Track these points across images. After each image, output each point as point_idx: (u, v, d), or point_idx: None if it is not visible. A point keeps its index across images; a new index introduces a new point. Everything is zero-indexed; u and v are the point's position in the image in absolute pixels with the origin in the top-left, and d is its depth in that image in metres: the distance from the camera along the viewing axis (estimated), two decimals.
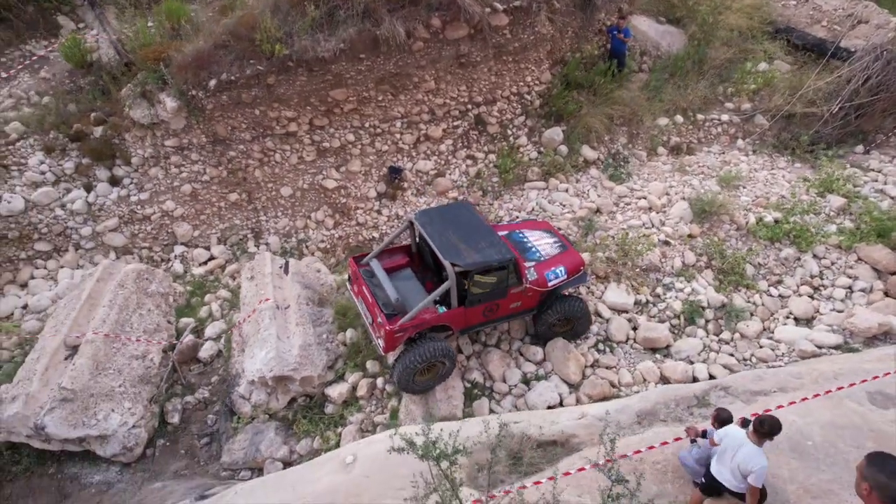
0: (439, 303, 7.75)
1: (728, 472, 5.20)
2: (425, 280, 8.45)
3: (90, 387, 7.88)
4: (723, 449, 5.28)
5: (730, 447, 5.20)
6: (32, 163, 10.87)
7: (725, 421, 5.48)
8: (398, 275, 8.53)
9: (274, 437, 7.92)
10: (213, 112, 10.59)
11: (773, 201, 11.17)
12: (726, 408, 5.60)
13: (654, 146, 12.57)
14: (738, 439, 5.19)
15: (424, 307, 7.59)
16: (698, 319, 9.49)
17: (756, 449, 5.04)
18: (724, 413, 5.52)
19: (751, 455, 5.02)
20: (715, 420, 5.58)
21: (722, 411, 5.54)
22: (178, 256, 11.11)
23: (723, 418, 5.50)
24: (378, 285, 8.01)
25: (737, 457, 5.10)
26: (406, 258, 8.81)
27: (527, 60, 12.32)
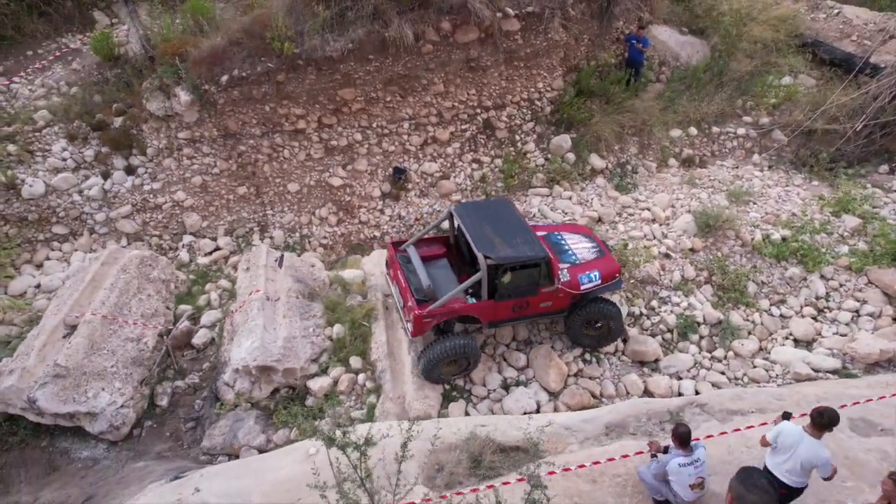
0: (472, 294, 7.90)
1: (787, 469, 5.18)
2: (460, 272, 8.65)
3: (83, 365, 8.20)
4: (780, 447, 5.24)
5: (787, 444, 5.17)
6: (56, 149, 11.40)
7: (683, 437, 5.37)
8: (434, 264, 8.77)
9: (253, 426, 8.09)
10: (225, 107, 10.91)
11: (783, 219, 10.84)
12: (687, 424, 5.47)
13: (666, 157, 12.36)
14: (795, 435, 5.16)
15: (454, 296, 7.78)
16: (692, 335, 9.29)
17: (817, 443, 5.07)
18: (682, 429, 5.41)
19: (813, 449, 5.05)
20: (674, 436, 5.47)
21: (680, 426, 5.43)
22: (185, 245, 11.46)
23: (680, 433, 5.39)
24: (413, 271, 8.30)
25: (798, 452, 5.09)
26: (444, 249, 9.04)
27: (539, 66, 12.29)
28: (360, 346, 8.72)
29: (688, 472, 5.30)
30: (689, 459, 5.33)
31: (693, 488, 5.31)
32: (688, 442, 5.37)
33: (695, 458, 5.36)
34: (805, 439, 5.09)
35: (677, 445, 5.39)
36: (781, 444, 5.22)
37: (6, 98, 12.50)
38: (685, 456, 5.34)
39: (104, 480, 7.93)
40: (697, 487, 5.34)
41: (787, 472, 5.18)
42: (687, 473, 5.30)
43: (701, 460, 5.39)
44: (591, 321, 8.53)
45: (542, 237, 8.79)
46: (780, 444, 5.23)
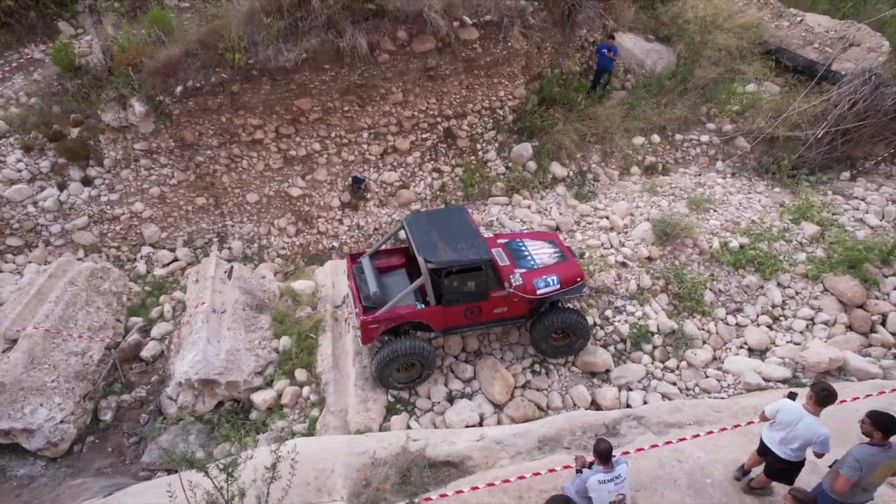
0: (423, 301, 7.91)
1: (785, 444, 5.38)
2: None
3: (21, 380, 8.08)
4: (778, 422, 5.43)
5: (786, 421, 5.36)
6: (10, 161, 11.31)
7: (603, 453, 5.26)
8: (392, 274, 8.79)
9: (193, 440, 7.97)
10: (180, 118, 10.85)
11: (742, 226, 10.79)
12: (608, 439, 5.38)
13: (628, 165, 12.31)
14: (795, 412, 5.34)
15: (399, 302, 7.73)
16: (645, 345, 9.19)
17: (816, 420, 5.24)
18: (603, 444, 5.30)
19: (811, 426, 5.22)
20: (595, 452, 5.36)
21: (601, 442, 5.33)
22: (143, 257, 11.36)
23: (601, 449, 5.28)
24: (364, 280, 8.24)
25: (797, 429, 5.28)
26: (402, 259, 9.02)
27: (500, 75, 12.25)
28: (305, 359, 8.62)
29: (608, 488, 5.19)
30: (610, 476, 5.22)
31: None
32: (608, 458, 5.26)
33: (615, 474, 5.25)
34: (805, 417, 5.25)
35: (598, 461, 5.29)
36: (780, 420, 5.40)
37: None
38: (605, 472, 5.23)
39: (39, 499, 7.79)
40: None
41: (786, 446, 5.37)
42: (607, 490, 5.19)
43: (622, 477, 5.28)
44: (556, 330, 8.42)
45: (503, 244, 8.78)
46: (778, 420, 5.42)
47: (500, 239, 8.89)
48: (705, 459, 6.03)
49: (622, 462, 5.38)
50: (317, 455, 6.42)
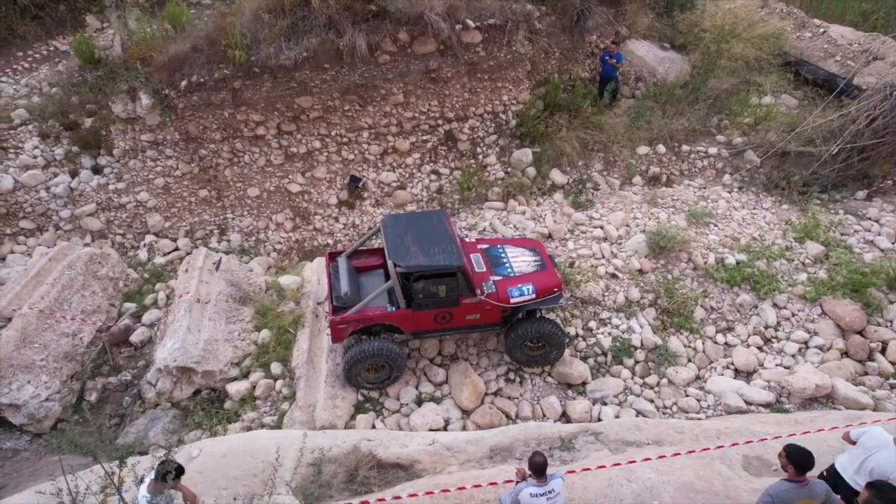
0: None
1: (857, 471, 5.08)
2: None
3: (11, 357, 8.43)
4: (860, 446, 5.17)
5: (868, 446, 5.10)
6: (27, 147, 11.82)
7: (537, 466, 5.18)
8: (369, 274, 8.84)
9: (167, 425, 8.19)
10: (185, 111, 11.15)
11: (742, 242, 10.46)
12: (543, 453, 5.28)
13: (631, 175, 12.07)
14: (881, 440, 5.09)
15: (369, 304, 7.79)
16: (626, 359, 8.99)
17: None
18: (538, 458, 5.21)
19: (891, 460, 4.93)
20: (529, 465, 5.28)
21: (536, 455, 5.24)
22: (146, 245, 11.71)
23: (534, 463, 5.20)
24: (338, 279, 8.29)
25: (876, 457, 5.01)
26: (381, 260, 9.00)
27: (504, 79, 12.19)
28: (282, 353, 8.75)
29: (538, 502, 5.12)
30: (542, 490, 5.14)
31: None
32: (542, 472, 5.18)
33: (549, 488, 5.17)
34: (891, 447, 4.97)
35: (533, 475, 5.21)
36: (862, 443, 5.15)
37: None
38: (538, 486, 5.16)
39: (18, 472, 8.12)
40: None
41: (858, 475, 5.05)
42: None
43: (556, 492, 5.19)
44: (531, 339, 8.33)
45: (482, 249, 8.71)
46: (860, 443, 5.16)
47: (480, 244, 8.84)
48: (656, 480, 5.86)
49: (557, 477, 5.29)
50: (268, 448, 6.50)
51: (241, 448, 6.55)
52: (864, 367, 8.88)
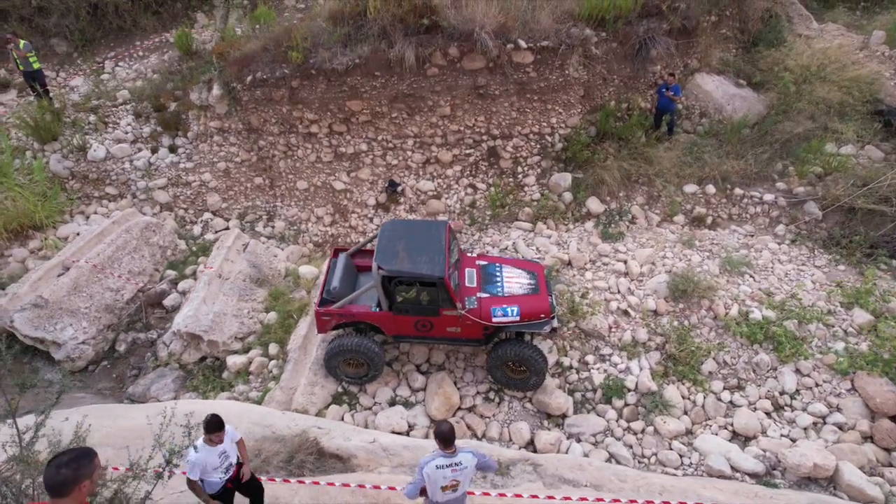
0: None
1: None
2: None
3: (62, 301, 9.68)
4: None
5: None
6: (122, 123, 13.48)
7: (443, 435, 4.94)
8: (369, 274, 9.05)
9: (169, 384, 9.01)
10: (248, 104, 12.19)
11: (776, 298, 9.66)
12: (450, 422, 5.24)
13: (673, 212, 11.51)
14: None
15: (355, 301, 8.16)
16: (616, 400, 8.63)
17: None
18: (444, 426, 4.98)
19: None
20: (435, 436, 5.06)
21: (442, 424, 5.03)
22: (202, 221, 12.89)
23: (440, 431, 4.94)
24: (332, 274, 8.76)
25: None
26: None
27: (554, 101, 12.14)
28: (281, 335, 9.32)
29: (443, 474, 4.97)
30: (449, 461, 4.98)
31: (444, 490, 5.02)
32: (448, 441, 5.00)
33: (456, 460, 5.01)
34: None
35: (440, 445, 5.04)
36: None
37: (109, 77, 15.05)
38: (445, 457, 4.99)
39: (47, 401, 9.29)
40: (449, 489, 5.04)
41: None
42: (442, 475, 4.97)
43: (463, 465, 5.04)
44: (511, 361, 8.29)
45: (480, 265, 8.78)
46: None
47: (480, 260, 8.89)
48: None
49: (468, 451, 5.13)
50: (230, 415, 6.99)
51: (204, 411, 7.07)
52: (888, 457, 7.89)
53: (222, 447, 5.20)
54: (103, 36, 16.09)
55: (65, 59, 15.75)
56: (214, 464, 5.14)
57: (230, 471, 5.35)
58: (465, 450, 5.10)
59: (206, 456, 5.08)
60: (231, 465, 5.34)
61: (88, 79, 14.62)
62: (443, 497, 5.05)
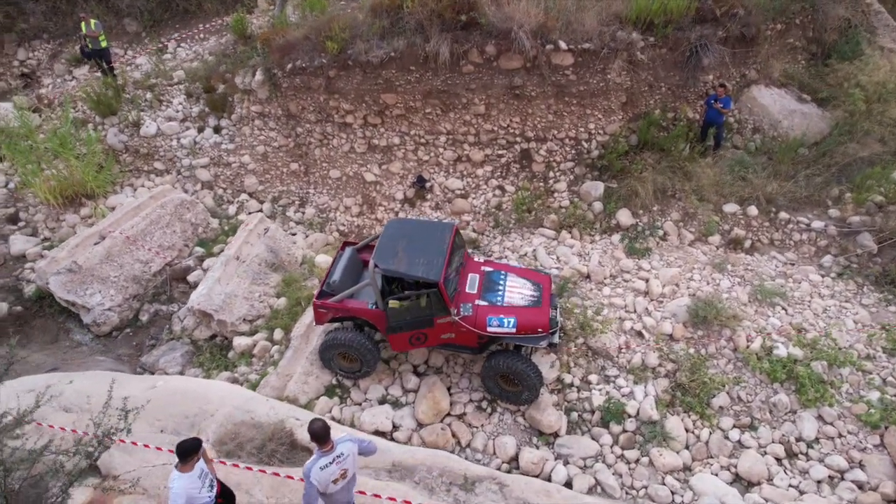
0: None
1: None
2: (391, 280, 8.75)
3: (94, 268, 10.25)
4: None
5: None
6: (174, 102, 14.08)
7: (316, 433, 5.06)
8: None
9: (177, 358, 9.38)
10: (287, 91, 12.43)
11: (807, 336, 8.91)
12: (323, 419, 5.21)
13: (709, 232, 10.82)
14: None
15: (354, 296, 8.19)
16: (614, 425, 8.24)
17: None
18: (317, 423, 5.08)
19: None
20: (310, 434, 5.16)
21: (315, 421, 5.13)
22: (239, 202, 13.31)
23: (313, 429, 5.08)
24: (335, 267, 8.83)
25: None
26: None
27: (594, 107, 11.67)
28: (287, 322, 9.48)
29: (330, 471, 5.05)
30: (331, 457, 5.07)
31: (335, 482, 5.09)
32: (323, 437, 5.05)
33: (336, 454, 5.10)
34: None
35: (316, 444, 5.11)
36: None
37: (171, 57, 15.77)
38: (325, 454, 5.05)
39: (72, 360, 9.91)
40: (340, 479, 5.12)
41: None
42: (329, 473, 5.04)
43: (345, 454, 5.14)
44: (503, 374, 8.09)
45: (484, 272, 8.57)
46: None
47: (486, 266, 8.66)
48: None
49: (346, 440, 5.23)
50: (210, 398, 7.21)
51: (192, 391, 7.34)
52: None
53: (199, 466, 5.01)
54: (170, 17, 16.87)
55: (134, 38, 16.64)
56: (197, 486, 4.93)
57: (214, 486, 5.19)
58: (342, 440, 5.21)
59: (187, 483, 4.87)
60: (212, 479, 5.19)
61: (151, 58, 15.35)
62: (335, 488, 5.15)
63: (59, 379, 7.72)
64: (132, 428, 5.47)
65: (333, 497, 5.21)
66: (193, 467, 4.90)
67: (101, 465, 6.36)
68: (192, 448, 4.87)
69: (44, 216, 12.57)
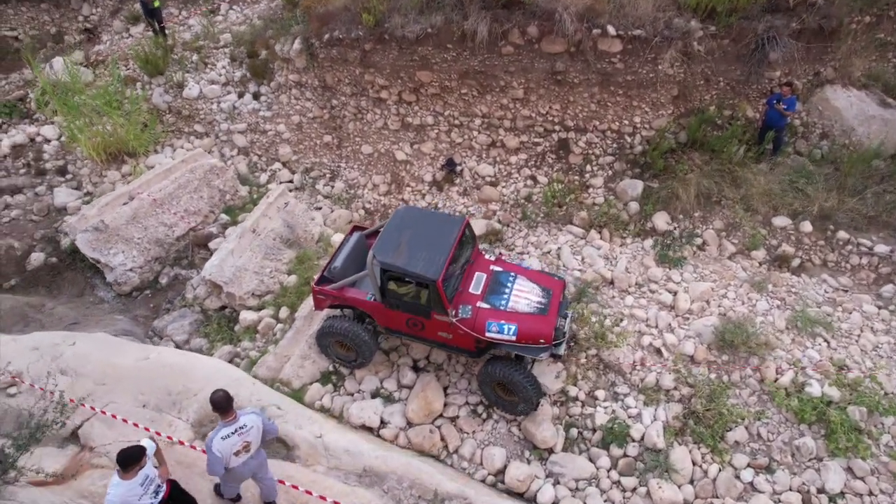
0: None
1: None
2: None
3: (120, 229, 10.46)
4: None
5: None
6: (218, 65, 14.10)
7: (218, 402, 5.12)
8: None
9: (185, 325, 9.49)
10: (324, 62, 12.15)
11: (849, 375, 8.00)
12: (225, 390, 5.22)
13: (753, 246, 9.87)
14: None
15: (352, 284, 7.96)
16: (614, 448, 7.71)
17: None
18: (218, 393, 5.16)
19: None
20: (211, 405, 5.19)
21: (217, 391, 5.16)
22: (271, 171, 13.27)
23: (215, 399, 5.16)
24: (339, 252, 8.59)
25: None
26: None
27: (641, 98, 10.79)
28: (294, 300, 9.37)
29: (231, 442, 5.06)
30: (233, 427, 5.09)
31: (238, 454, 5.09)
32: (225, 407, 5.08)
33: (239, 424, 5.11)
34: None
35: (218, 414, 5.14)
36: None
37: (222, 19, 15.79)
38: (227, 425, 5.07)
39: (92, 316, 10.22)
40: (242, 452, 5.12)
41: None
42: (231, 444, 5.06)
43: (249, 426, 5.14)
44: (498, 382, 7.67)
45: (493, 271, 8.08)
46: None
47: (496, 266, 8.16)
48: None
49: (250, 413, 5.22)
50: (195, 376, 7.19)
51: (179, 367, 7.34)
52: None
53: (143, 472, 4.84)
54: None
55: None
56: (137, 493, 4.79)
57: (160, 492, 5.02)
58: (246, 411, 5.22)
59: (125, 491, 4.73)
60: (160, 485, 5.01)
61: (202, 19, 15.39)
62: (238, 461, 5.17)
63: (63, 339, 7.91)
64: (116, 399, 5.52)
65: (235, 471, 5.25)
66: (136, 474, 4.75)
67: (81, 435, 6.46)
68: (134, 457, 4.72)
69: (89, 171, 12.92)
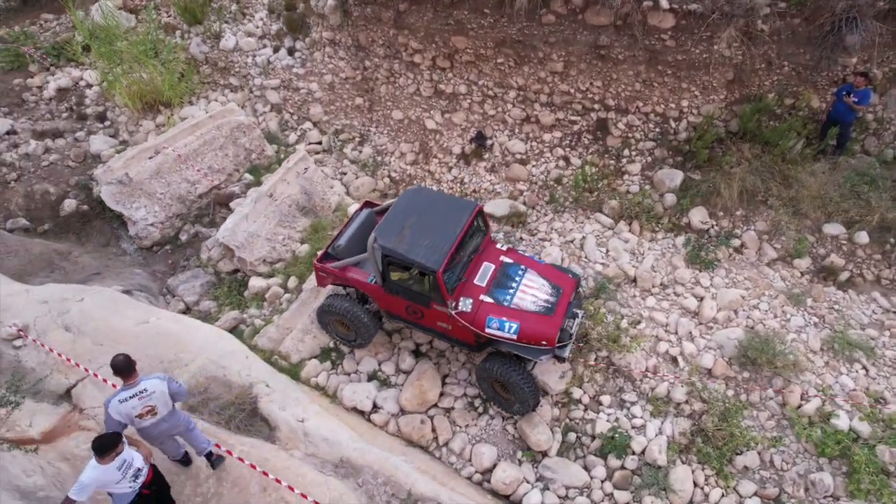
0: None
1: None
2: None
3: (143, 183, 10.51)
4: None
5: None
6: (256, 17, 13.77)
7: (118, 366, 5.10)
8: None
9: (196, 287, 9.54)
10: (358, 20, 11.64)
11: (886, 410, 7.28)
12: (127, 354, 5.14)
13: (798, 254, 9.02)
14: None
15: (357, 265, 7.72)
16: (613, 459, 7.34)
17: None
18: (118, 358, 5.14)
19: None
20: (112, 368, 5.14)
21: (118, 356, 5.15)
22: (302, 129, 13.03)
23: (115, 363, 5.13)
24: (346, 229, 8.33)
25: None
26: None
27: (691, 80, 9.86)
28: (303, 270, 9.24)
29: (131, 405, 5.05)
30: (132, 391, 5.06)
31: (141, 417, 5.10)
32: (125, 369, 5.07)
33: (140, 388, 5.09)
34: None
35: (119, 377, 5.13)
36: None
37: None
38: (126, 388, 5.06)
39: (114, 268, 10.42)
40: (147, 415, 5.12)
41: None
42: (131, 406, 5.05)
43: (149, 390, 5.11)
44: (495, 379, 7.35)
45: (503, 262, 7.62)
46: None
47: (507, 257, 7.69)
48: None
49: (153, 378, 5.19)
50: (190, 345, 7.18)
51: (174, 335, 7.33)
52: None
53: (121, 457, 4.78)
54: None
55: None
56: (115, 478, 4.76)
57: (140, 476, 4.95)
58: (150, 376, 5.19)
59: (100, 475, 4.68)
60: (139, 469, 4.94)
61: None
62: (144, 423, 5.22)
63: (73, 293, 8.05)
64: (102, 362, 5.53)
65: (147, 431, 5.34)
66: (113, 460, 4.71)
67: (73, 395, 6.59)
68: (109, 445, 4.67)
69: (126, 119, 13.01)
